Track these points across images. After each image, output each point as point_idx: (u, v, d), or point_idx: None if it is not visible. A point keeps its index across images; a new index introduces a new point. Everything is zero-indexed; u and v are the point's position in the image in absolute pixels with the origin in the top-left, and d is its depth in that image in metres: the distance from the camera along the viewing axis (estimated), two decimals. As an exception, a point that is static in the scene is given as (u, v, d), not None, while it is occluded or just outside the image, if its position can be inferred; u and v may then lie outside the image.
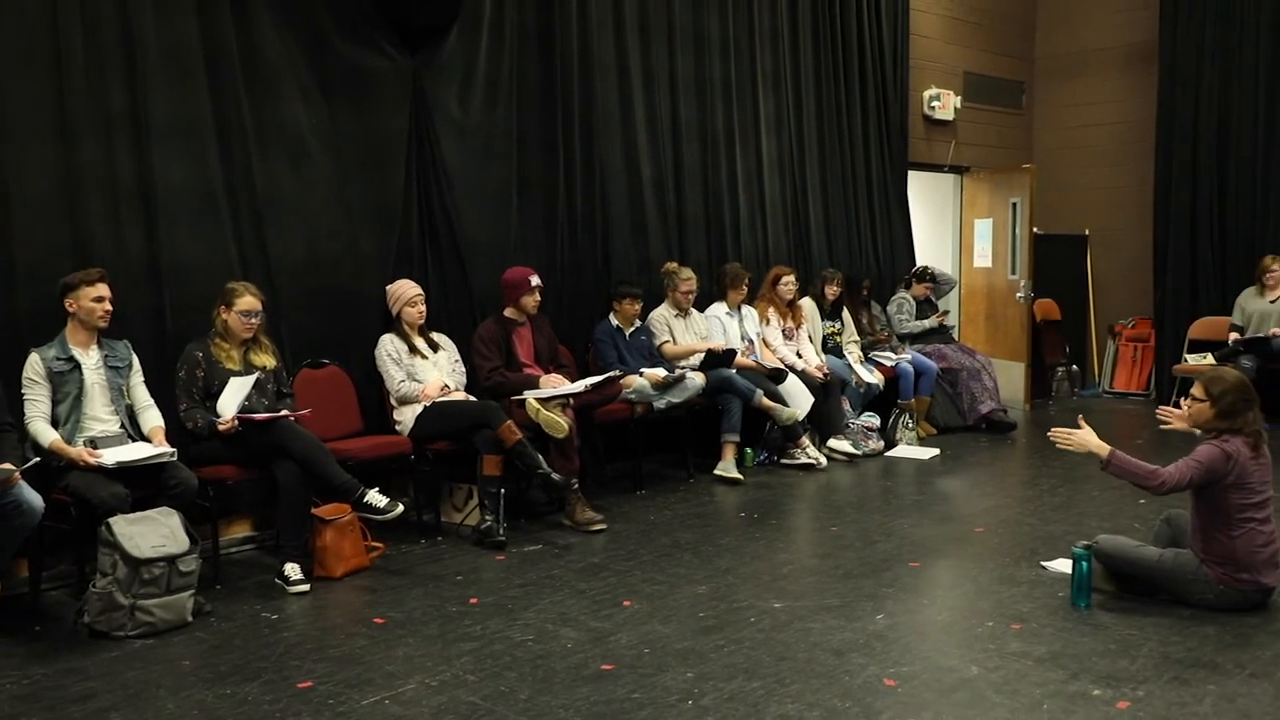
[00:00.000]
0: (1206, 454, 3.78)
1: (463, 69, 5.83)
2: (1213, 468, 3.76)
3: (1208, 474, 3.76)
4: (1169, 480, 3.78)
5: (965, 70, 9.49)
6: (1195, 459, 3.79)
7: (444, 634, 3.77)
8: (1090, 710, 3.07)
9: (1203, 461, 3.77)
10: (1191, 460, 3.79)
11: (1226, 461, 3.76)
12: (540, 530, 5.22)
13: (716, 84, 7.20)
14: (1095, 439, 3.92)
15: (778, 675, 3.35)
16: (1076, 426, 4.04)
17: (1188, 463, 3.79)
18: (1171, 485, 3.78)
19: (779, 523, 5.40)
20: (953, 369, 7.93)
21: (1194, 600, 3.88)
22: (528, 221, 6.16)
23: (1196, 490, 3.84)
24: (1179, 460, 3.82)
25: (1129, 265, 9.65)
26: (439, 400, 5.20)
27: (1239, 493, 3.79)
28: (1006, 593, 4.16)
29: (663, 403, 6.05)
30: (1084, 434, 3.96)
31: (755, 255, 7.47)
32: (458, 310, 5.84)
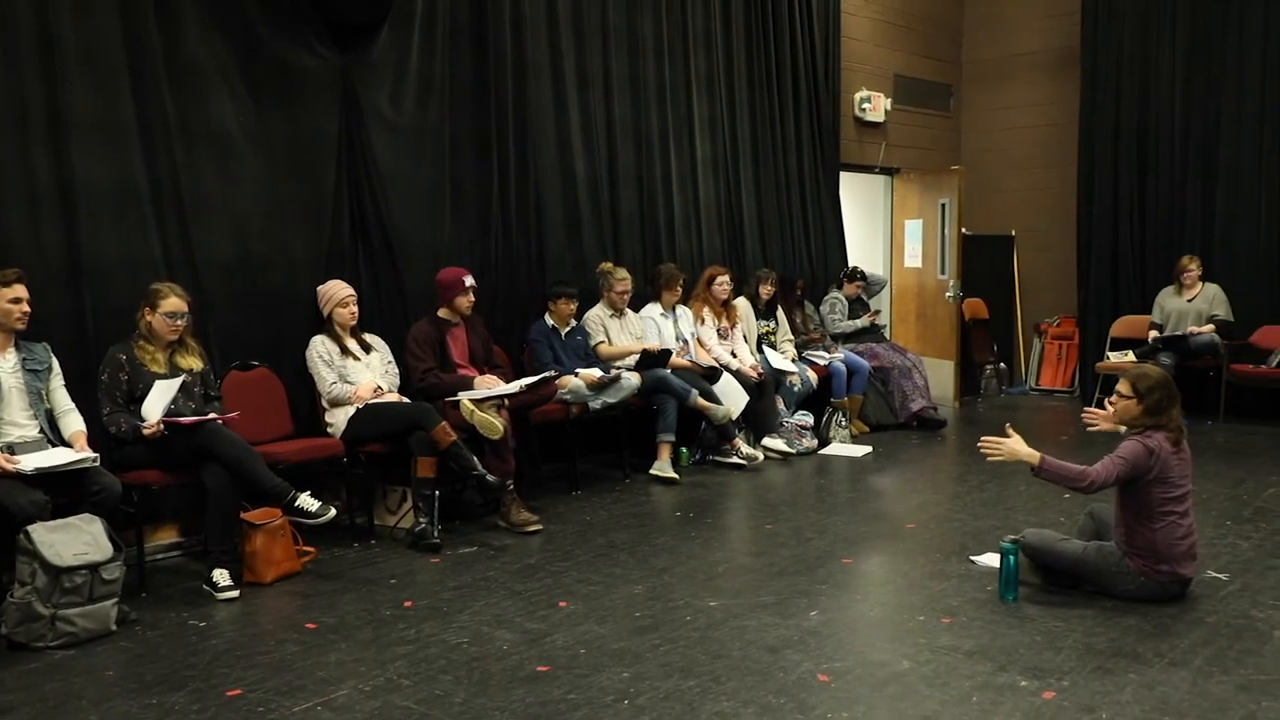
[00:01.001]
0: (1131, 450, 3.89)
1: (394, 68, 5.77)
2: (1137, 463, 3.86)
3: (1133, 470, 3.86)
4: (1097, 479, 3.87)
5: (895, 73, 9.63)
6: (1120, 456, 3.89)
7: (378, 638, 3.73)
8: (1017, 700, 3.14)
9: (1127, 458, 3.87)
10: (1116, 457, 3.89)
11: (1150, 457, 3.86)
12: (475, 532, 5.19)
13: (650, 85, 7.22)
14: (1024, 447, 4.01)
15: (713, 673, 3.37)
16: (1004, 428, 4.12)
17: (1114, 460, 3.89)
18: (1100, 483, 3.88)
19: (714, 521, 5.44)
20: (885, 367, 8.04)
21: (1116, 592, 3.98)
22: (461, 221, 6.12)
23: (1121, 485, 3.94)
24: (1105, 458, 3.92)
25: (1054, 265, 9.88)
26: (372, 402, 5.14)
27: (1160, 487, 3.89)
28: (937, 587, 4.23)
29: (598, 403, 6.05)
30: (1013, 443, 4.05)
31: (690, 255, 7.51)
32: (390, 311, 5.78)
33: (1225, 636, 3.63)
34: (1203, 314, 8.11)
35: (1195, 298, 8.20)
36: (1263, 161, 8.35)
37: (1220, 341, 7.97)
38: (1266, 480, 6.05)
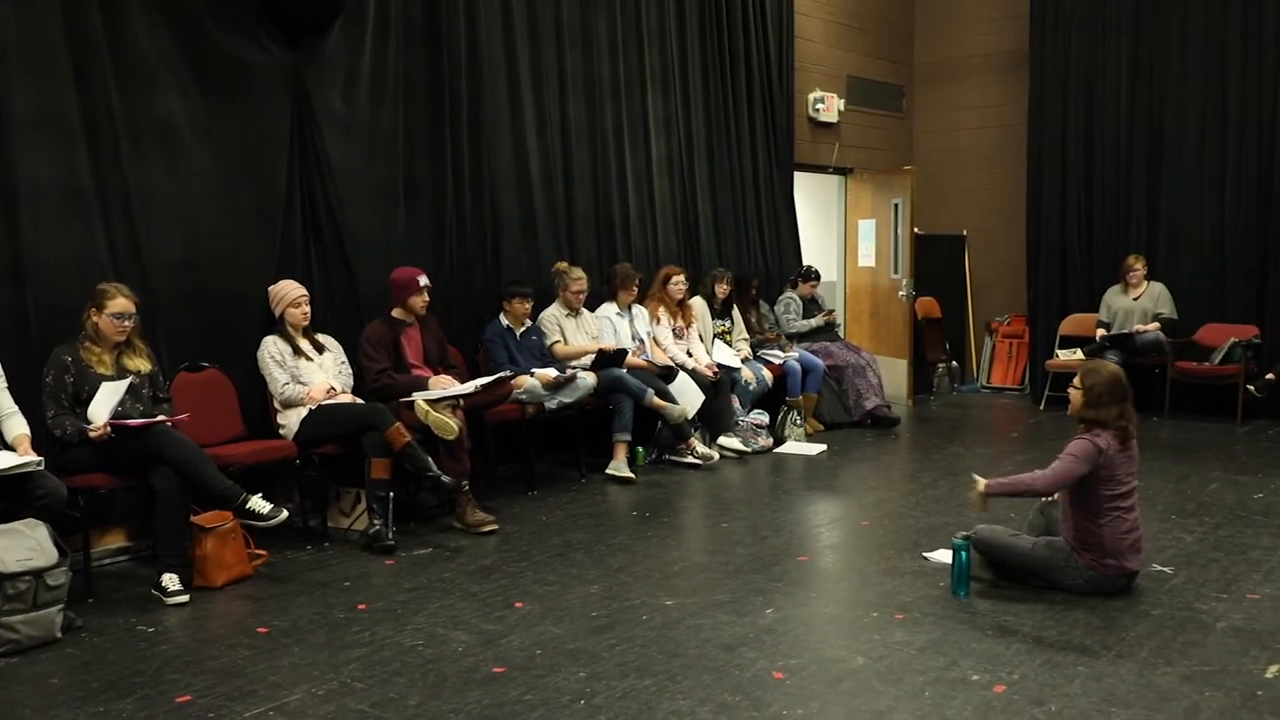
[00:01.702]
0: (1080, 449, 3.95)
1: (346, 65, 5.72)
2: (1087, 459, 3.92)
3: (1087, 466, 3.92)
4: (1047, 482, 3.95)
5: (848, 74, 9.71)
6: (1071, 454, 3.95)
7: (331, 641, 3.70)
8: (969, 695, 3.18)
9: (1078, 456, 3.93)
10: (1067, 456, 3.95)
11: (1099, 455, 3.93)
12: (430, 533, 5.16)
13: (605, 84, 7.21)
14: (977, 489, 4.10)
15: (669, 672, 3.38)
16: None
17: (1064, 460, 3.94)
18: (1052, 484, 3.96)
19: (670, 520, 5.45)
20: (839, 366, 8.11)
21: (1065, 586, 4.05)
22: (415, 221, 6.08)
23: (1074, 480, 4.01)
24: (1056, 461, 3.97)
25: (1004, 264, 10.01)
26: (325, 403, 5.09)
27: (1107, 484, 3.96)
28: (890, 584, 4.27)
29: (554, 403, 6.04)
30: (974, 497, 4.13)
31: (645, 255, 7.52)
32: (344, 311, 5.73)
33: (1170, 629, 3.70)
34: (1148, 312, 8.27)
35: (1141, 296, 8.36)
36: (1204, 163, 8.52)
37: (1165, 339, 8.13)
38: (1209, 475, 6.18)
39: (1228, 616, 3.81)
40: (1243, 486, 5.88)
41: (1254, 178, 8.31)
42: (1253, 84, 8.28)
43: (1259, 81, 8.25)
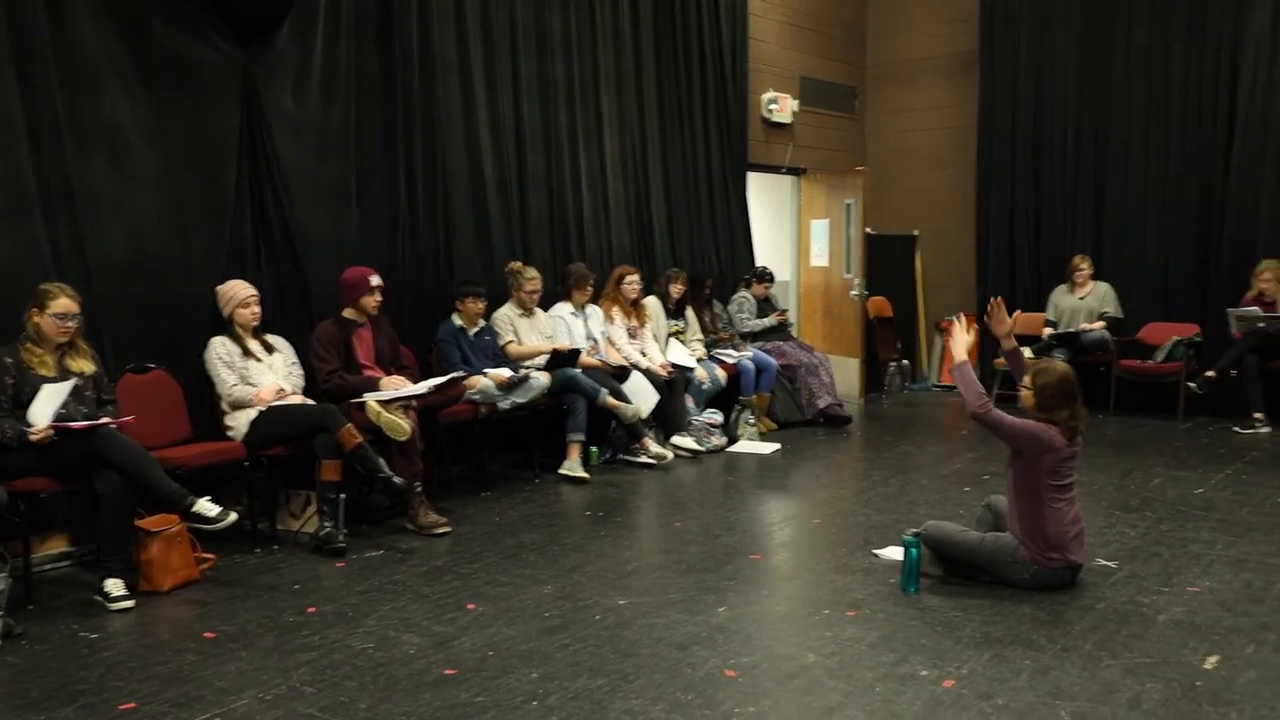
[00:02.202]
0: (1034, 424, 4.02)
1: (297, 63, 5.66)
2: (1032, 435, 3.98)
3: (1026, 435, 3.98)
4: (993, 413, 4.00)
5: (801, 75, 9.78)
6: (1021, 420, 4.03)
7: (280, 645, 3.66)
8: (918, 690, 3.22)
9: (1028, 424, 4.01)
10: (1019, 419, 4.02)
11: (1047, 439, 3.99)
12: (382, 535, 5.12)
13: (559, 84, 7.20)
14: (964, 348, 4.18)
15: (622, 671, 3.38)
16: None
17: (1015, 418, 4.01)
18: (991, 418, 4.01)
19: (624, 520, 5.45)
20: (792, 365, 8.16)
21: (1013, 580, 4.11)
22: (367, 220, 6.03)
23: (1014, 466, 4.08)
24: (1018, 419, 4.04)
25: (955, 264, 10.13)
26: (275, 404, 5.04)
27: (1052, 475, 4.03)
28: (842, 581, 4.31)
29: (508, 403, 6.02)
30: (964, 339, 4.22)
31: (599, 255, 7.52)
32: (294, 311, 5.67)
33: (1113, 622, 3.77)
34: (1094, 311, 8.42)
35: (1087, 296, 8.50)
36: (1149, 165, 8.68)
37: (1110, 338, 8.28)
38: (1152, 471, 6.30)
39: (1169, 609, 3.89)
40: (1184, 482, 6.00)
41: (1195, 179, 8.48)
42: (1194, 87, 8.46)
43: (1200, 85, 8.43)
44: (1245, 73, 8.17)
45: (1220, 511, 5.32)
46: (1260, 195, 8.14)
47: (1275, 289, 7.67)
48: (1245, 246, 8.16)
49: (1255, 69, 8.11)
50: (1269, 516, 5.21)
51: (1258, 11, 8.10)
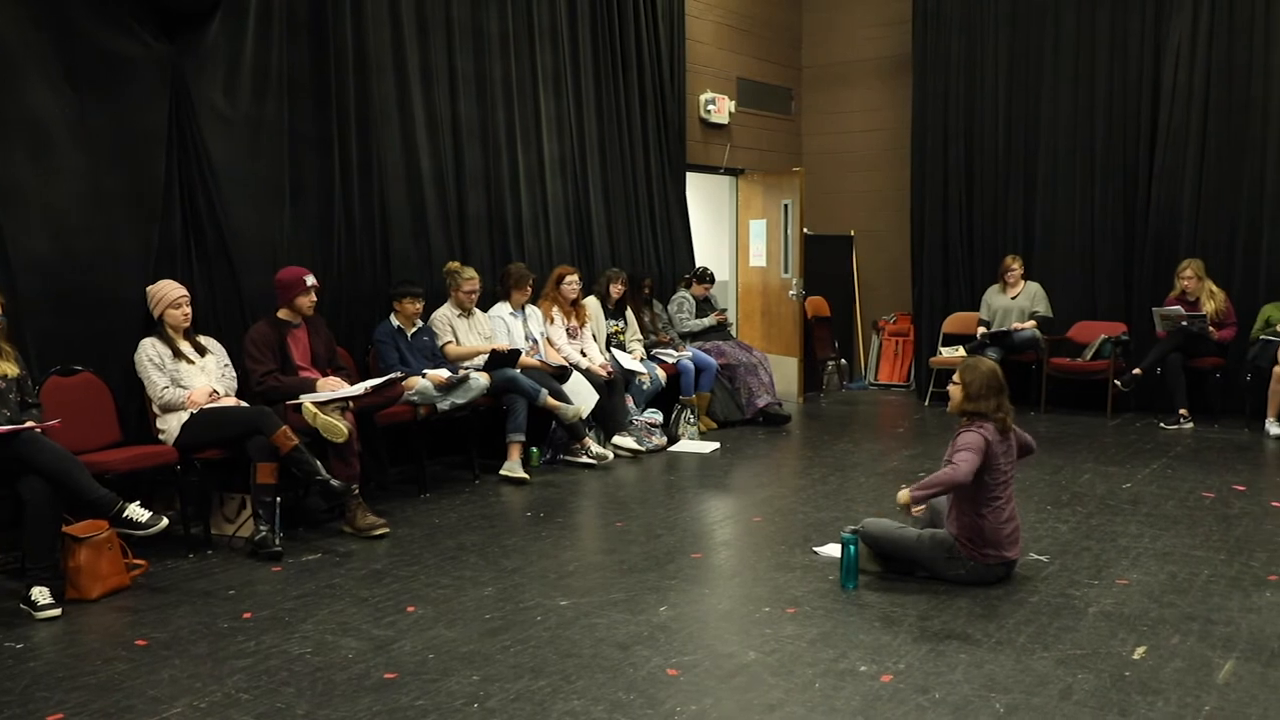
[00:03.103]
0: (971, 440, 4.07)
1: (227, 59, 5.56)
2: (980, 449, 4.05)
3: (979, 458, 4.05)
4: (963, 474, 4.01)
5: (738, 76, 9.84)
6: (967, 448, 4.06)
7: (214, 652, 3.59)
8: (857, 685, 3.25)
9: (973, 444, 4.06)
10: (965, 451, 4.06)
11: (986, 445, 4.07)
12: (319, 538, 5.05)
13: (497, 82, 7.16)
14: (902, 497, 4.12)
15: (564, 672, 3.38)
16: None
17: (964, 454, 4.05)
18: (968, 474, 4.02)
19: (565, 521, 5.44)
20: (731, 365, 8.21)
21: (949, 576, 4.18)
22: (302, 219, 5.94)
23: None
24: (956, 456, 4.06)
25: (890, 264, 10.27)
26: (207, 407, 4.94)
27: (990, 474, 4.10)
28: (782, 578, 4.34)
29: (446, 404, 5.97)
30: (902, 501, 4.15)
31: (538, 255, 7.49)
32: (227, 312, 5.57)
33: (1046, 615, 3.85)
34: (1025, 311, 8.59)
35: (1018, 295, 8.68)
36: (1076, 166, 8.89)
37: (1041, 337, 8.46)
38: (1082, 467, 6.45)
39: (1099, 601, 3.99)
40: (1112, 477, 6.15)
41: (1120, 182, 8.71)
42: (1118, 93, 8.68)
43: (1124, 90, 8.65)
44: (1166, 78, 8.40)
45: (1147, 506, 5.46)
46: (1182, 197, 8.37)
47: (1197, 287, 7.90)
48: (1168, 247, 8.40)
49: (1175, 75, 8.33)
50: (1193, 510, 5.37)
51: (1178, 20, 8.33)
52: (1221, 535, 4.89)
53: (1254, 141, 8.12)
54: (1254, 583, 4.19)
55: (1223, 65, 8.19)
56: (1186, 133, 8.33)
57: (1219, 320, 7.85)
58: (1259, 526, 5.05)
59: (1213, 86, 8.23)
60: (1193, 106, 8.29)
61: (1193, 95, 8.29)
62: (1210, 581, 4.21)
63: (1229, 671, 3.32)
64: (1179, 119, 8.35)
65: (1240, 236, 8.22)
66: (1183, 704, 3.10)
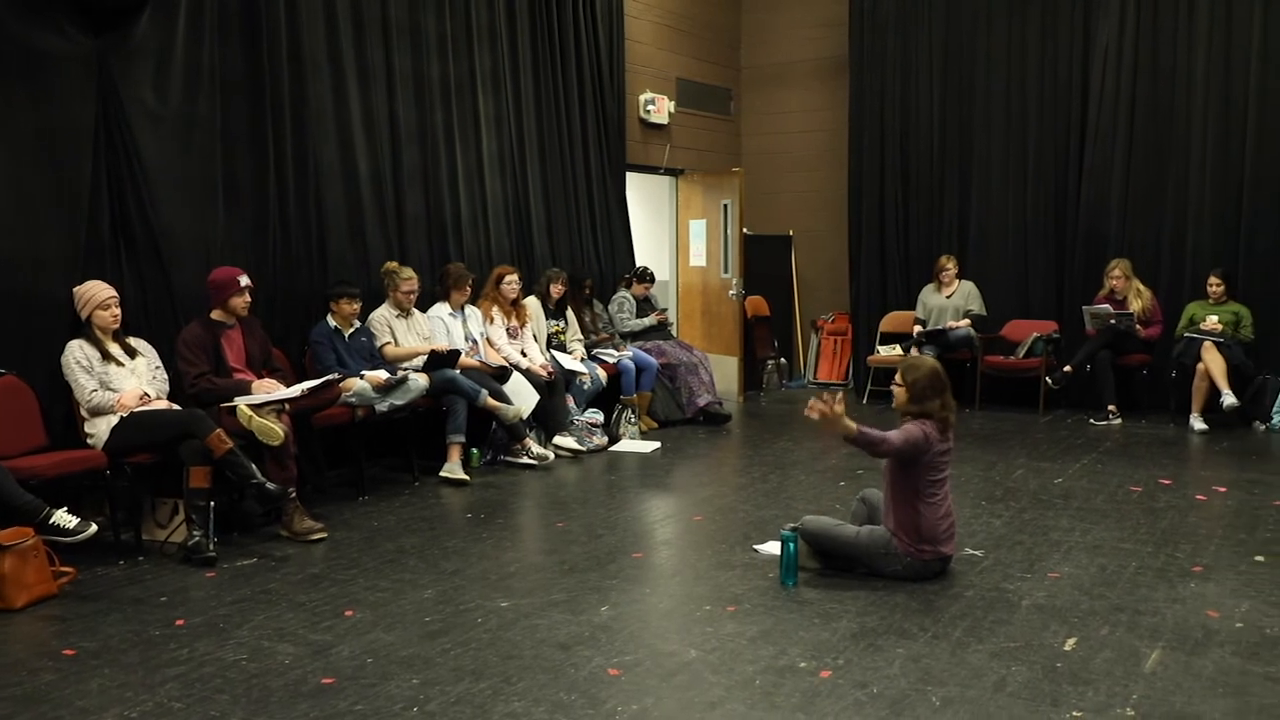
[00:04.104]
0: (913, 430, 4.14)
1: (157, 55, 5.44)
2: (917, 443, 4.11)
3: (914, 448, 4.11)
4: (892, 446, 4.10)
5: (678, 76, 9.87)
6: (906, 432, 4.14)
7: (146, 660, 3.51)
8: (797, 681, 3.28)
9: (911, 434, 4.13)
10: (903, 432, 4.14)
11: (926, 441, 4.12)
12: (255, 543, 4.96)
13: (435, 82, 7.10)
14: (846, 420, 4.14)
15: (504, 674, 3.36)
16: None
17: (900, 434, 4.13)
18: (894, 450, 4.11)
19: (506, 522, 5.41)
20: (672, 365, 8.23)
21: (887, 572, 4.23)
22: (235, 219, 5.84)
23: (898, 466, 4.19)
24: (894, 431, 4.15)
25: (829, 264, 10.38)
26: (138, 410, 4.83)
27: (929, 470, 4.17)
28: (722, 577, 4.36)
29: (385, 405, 5.91)
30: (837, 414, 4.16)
31: (478, 255, 7.44)
32: (158, 313, 5.46)
33: (980, 609, 3.92)
34: (960, 310, 8.74)
35: (953, 294, 8.82)
36: (1009, 168, 9.06)
37: (975, 335, 8.61)
38: (1015, 463, 6.58)
39: (1031, 595, 4.07)
40: (1044, 472, 6.28)
41: (1051, 183, 8.89)
42: (1049, 95, 8.86)
43: (1054, 93, 8.84)
44: (1095, 81, 8.60)
45: (1078, 500, 5.58)
46: (1110, 197, 8.58)
47: (1125, 286, 8.09)
48: (1098, 246, 8.60)
49: (1104, 77, 8.54)
50: (1121, 504, 5.50)
51: (1105, 24, 8.53)
52: (1149, 528, 5.02)
53: (1178, 143, 8.35)
54: (1179, 574, 4.31)
55: (1148, 68, 8.41)
56: (1114, 134, 8.53)
57: (1146, 319, 8.06)
58: (1184, 519, 5.19)
59: (1139, 88, 8.45)
60: (1120, 108, 8.50)
61: (1120, 97, 8.49)
62: (1138, 573, 4.32)
63: (1155, 661, 3.41)
64: (1107, 120, 8.55)
65: (1166, 236, 8.45)
66: (1111, 693, 3.17)
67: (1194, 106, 8.27)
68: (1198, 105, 8.26)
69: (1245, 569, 4.37)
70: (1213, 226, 8.25)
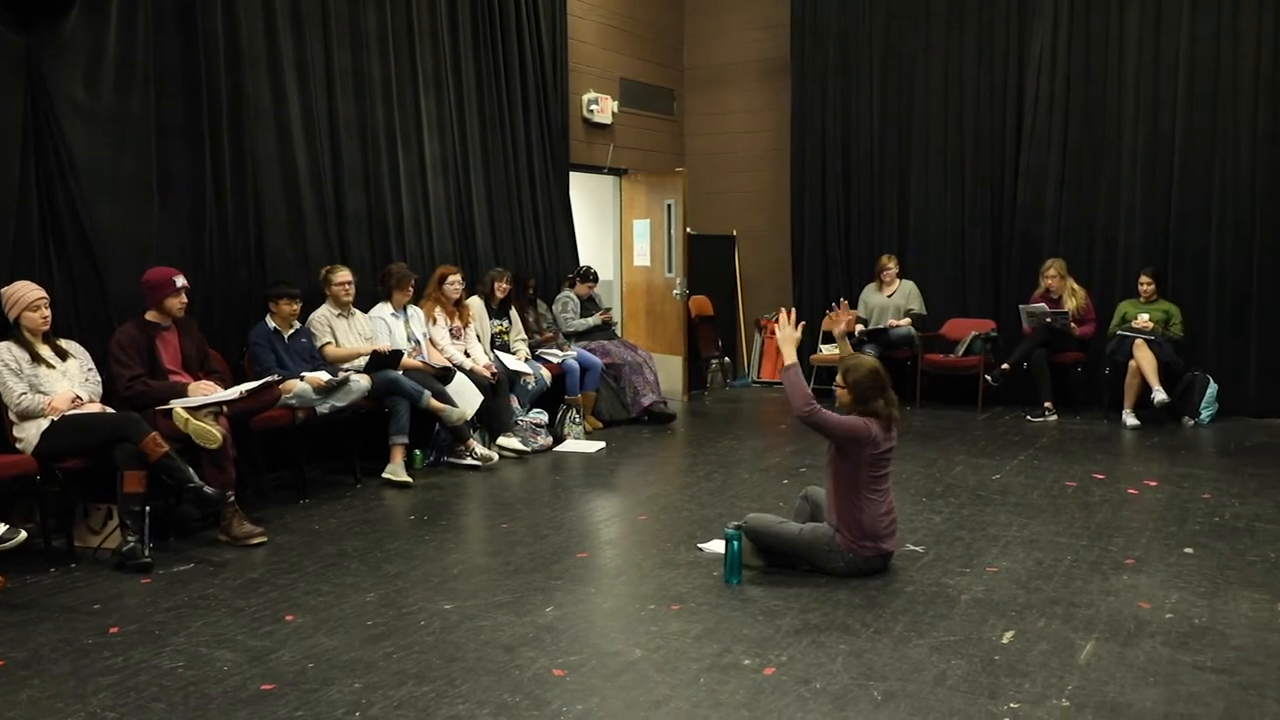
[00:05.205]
0: (854, 420, 4.19)
1: (88, 50, 5.33)
2: (855, 433, 4.15)
3: (849, 433, 4.15)
4: (817, 414, 4.14)
5: (621, 76, 9.87)
6: (844, 418, 4.19)
7: (78, 670, 3.43)
8: (741, 679, 3.30)
9: (851, 421, 4.17)
10: (841, 416, 4.18)
11: (867, 432, 4.17)
12: (192, 548, 4.87)
13: (376, 80, 7.03)
14: (791, 348, 4.23)
15: (448, 676, 3.34)
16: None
17: (837, 415, 4.17)
18: (817, 419, 4.15)
19: (450, 523, 5.38)
20: (616, 364, 8.23)
21: (829, 569, 4.27)
22: (171, 218, 5.73)
23: (835, 459, 4.24)
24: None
25: (771, 263, 10.45)
26: (70, 413, 4.72)
27: (871, 468, 4.21)
28: (667, 576, 4.38)
29: (326, 407, 5.84)
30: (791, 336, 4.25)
31: (420, 254, 7.38)
32: (90, 315, 5.34)
33: (921, 604, 3.98)
34: (900, 309, 8.86)
35: (894, 294, 8.94)
36: (946, 169, 9.20)
37: (915, 333, 8.73)
38: (955, 459, 6.68)
39: (970, 589, 4.14)
40: (983, 469, 6.39)
41: (988, 184, 9.05)
42: (985, 98, 9.02)
43: (990, 97, 9.00)
44: (1030, 86, 8.77)
45: (1015, 495, 5.68)
46: (1045, 199, 8.75)
47: (1060, 286, 8.26)
48: (1034, 247, 8.77)
49: (1039, 82, 8.70)
50: (1057, 499, 5.61)
51: (1040, 30, 8.70)
52: (1083, 522, 5.12)
53: (1110, 146, 8.54)
54: (1112, 566, 4.41)
55: (1080, 73, 8.59)
56: (1049, 137, 8.70)
57: (1080, 317, 8.23)
58: (1117, 513, 5.31)
59: (1072, 93, 8.63)
60: (1054, 112, 8.67)
61: (1054, 101, 8.66)
62: (1073, 566, 4.41)
63: (1089, 652, 3.49)
64: (1041, 123, 8.72)
65: (1099, 237, 8.64)
66: (1048, 684, 3.24)
67: (1125, 111, 8.47)
68: (1128, 109, 8.45)
69: (1175, 561, 4.48)
70: (1143, 227, 8.46)
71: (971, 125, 9.07)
